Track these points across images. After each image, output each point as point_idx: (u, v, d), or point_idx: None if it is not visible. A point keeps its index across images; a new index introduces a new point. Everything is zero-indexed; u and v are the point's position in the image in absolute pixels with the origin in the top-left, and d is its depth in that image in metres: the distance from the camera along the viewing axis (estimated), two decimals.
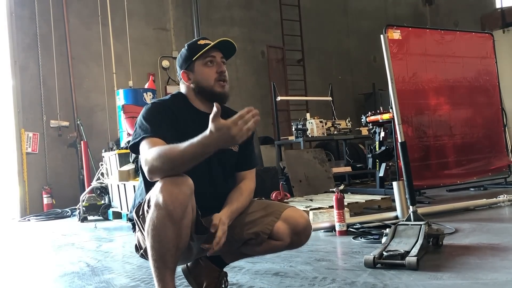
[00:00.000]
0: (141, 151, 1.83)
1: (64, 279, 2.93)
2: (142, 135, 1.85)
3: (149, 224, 1.72)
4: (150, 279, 2.61)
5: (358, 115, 8.20)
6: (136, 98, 6.38)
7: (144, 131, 1.85)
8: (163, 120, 1.89)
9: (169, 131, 1.87)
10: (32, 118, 7.35)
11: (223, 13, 9.47)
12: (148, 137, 1.83)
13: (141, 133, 1.86)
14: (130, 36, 8.19)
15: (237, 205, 1.96)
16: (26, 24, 7.42)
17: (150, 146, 1.79)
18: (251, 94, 9.45)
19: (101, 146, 7.05)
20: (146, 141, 1.83)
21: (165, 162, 1.69)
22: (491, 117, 6.33)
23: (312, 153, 6.43)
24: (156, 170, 1.72)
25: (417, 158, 5.44)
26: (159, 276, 1.76)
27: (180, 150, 1.67)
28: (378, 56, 10.48)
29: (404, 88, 5.46)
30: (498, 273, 2.30)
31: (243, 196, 2.01)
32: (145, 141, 1.83)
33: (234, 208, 1.94)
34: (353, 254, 2.98)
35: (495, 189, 5.82)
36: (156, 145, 1.77)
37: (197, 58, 1.99)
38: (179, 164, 1.69)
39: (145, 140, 1.83)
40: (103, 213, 5.97)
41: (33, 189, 7.19)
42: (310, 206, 4.49)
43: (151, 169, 1.72)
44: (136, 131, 1.90)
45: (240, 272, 2.68)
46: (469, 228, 3.55)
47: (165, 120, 1.90)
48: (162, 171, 1.71)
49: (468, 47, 6.18)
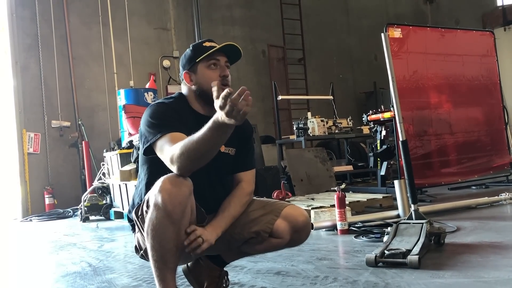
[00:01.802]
0: (161, 150, 1.76)
1: (66, 279, 2.93)
2: (157, 135, 1.78)
3: (148, 225, 1.72)
4: (152, 279, 2.60)
5: (359, 114, 8.19)
6: (137, 98, 6.39)
7: (158, 130, 1.79)
8: (171, 116, 1.86)
9: (180, 124, 1.83)
10: (33, 118, 7.35)
11: (224, 12, 9.47)
12: (164, 135, 1.77)
13: (155, 132, 1.80)
14: (131, 36, 8.19)
15: (228, 214, 1.93)
16: (27, 24, 7.42)
17: (171, 142, 1.72)
18: (252, 93, 9.23)
19: (102, 146, 7.06)
20: (164, 139, 1.76)
21: (190, 155, 1.64)
22: (492, 115, 6.31)
23: (314, 152, 6.43)
24: (187, 166, 1.67)
25: (419, 157, 5.43)
26: (160, 276, 1.76)
27: (198, 137, 1.62)
28: (379, 54, 10.45)
29: (405, 87, 5.45)
30: (500, 272, 2.29)
31: (236, 203, 1.97)
32: (162, 140, 1.76)
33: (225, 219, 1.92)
34: (354, 253, 2.98)
35: (497, 187, 5.80)
36: (177, 140, 1.71)
37: (200, 60, 1.95)
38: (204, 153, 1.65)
39: (162, 139, 1.77)
40: (104, 213, 5.97)
41: (35, 189, 7.20)
42: (312, 205, 4.49)
43: (181, 166, 1.67)
44: (147, 133, 1.83)
45: (241, 272, 2.68)
46: (471, 226, 3.54)
47: (173, 116, 1.87)
48: (193, 164, 1.67)
49: (469, 45, 6.17)
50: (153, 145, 1.81)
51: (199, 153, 1.65)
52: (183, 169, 1.68)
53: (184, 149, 1.65)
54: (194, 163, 1.68)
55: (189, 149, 1.64)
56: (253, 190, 2.08)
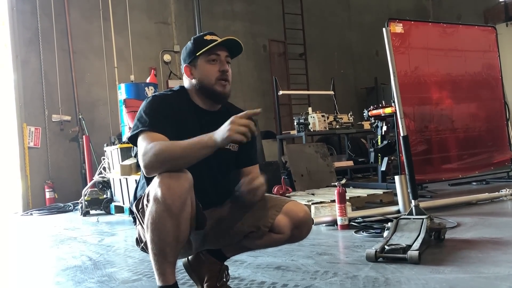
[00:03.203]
0: (139, 144, 1.80)
1: (66, 272, 2.94)
2: (140, 128, 1.82)
3: (148, 218, 1.72)
4: (152, 273, 2.59)
5: (360, 109, 8.17)
6: (138, 92, 6.37)
7: (143, 124, 1.83)
8: (162, 114, 1.86)
9: (168, 125, 1.84)
10: (34, 112, 7.35)
11: (225, 6, 9.44)
12: (146, 131, 1.80)
13: (140, 126, 1.83)
14: (132, 30, 8.17)
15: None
16: (27, 18, 7.40)
17: (148, 140, 1.76)
18: (252, 88, 9.44)
19: (103, 140, 7.05)
20: (145, 134, 1.80)
21: (165, 158, 1.68)
22: (493, 111, 6.30)
23: (314, 148, 6.42)
24: (154, 166, 1.71)
25: (419, 152, 5.43)
26: (160, 270, 1.76)
27: (181, 147, 1.68)
28: (380, 50, 10.43)
29: (406, 82, 5.44)
30: (500, 267, 2.29)
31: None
32: (143, 135, 1.80)
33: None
34: (355, 248, 2.98)
35: (498, 183, 5.81)
36: (155, 140, 1.75)
37: (201, 53, 1.94)
38: (179, 162, 1.69)
39: (143, 134, 1.80)
40: (105, 207, 5.98)
41: (36, 184, 7.21)
42: (312, 200, 4.49)
43: (148, 164, 1.71)
44: (135, 123, 1.87)
45: (242, 266, 2.68)
46: (471, 222, 3.55)
47: (165, 114, 1.87)
48: (160, 167, 1.70)
49: (470, 40, 6.15)
50: (136, 136, 1.83)
51: (175, 160, 1.69)
52: (150, 167, 1.71)
53: (163, 149, 1.69)
54: (164, 165, 1.69)
55: (170, 151, 1.68)
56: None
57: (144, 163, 1.72)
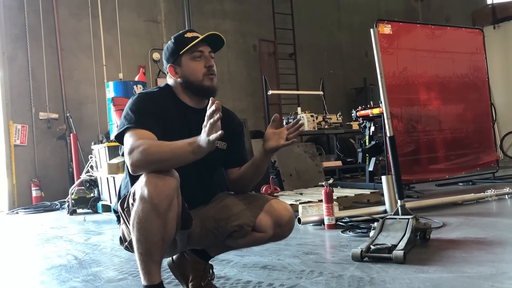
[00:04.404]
0: (125, 141, 1.79)
1: (51, 271, 2.91)
2: (126, 125, 1.81)
3: (134, 218, 1.71)
4: (137, 272, 2.58)
5: (349, 110, 8.18)
6: (126, 90, 6.34)
7: (129, 121, 1.81)
8: (149, 111, 1.85)
9: (155, 122, 1.83)
10: (20, 110, 7.27)
11: (215, 5, 9.41)
12: (133, 128, 1.79)
13: (126, 123, 1.82)
14: (121, 28, 8.11)
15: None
16: (14, 14, 7.32)
17: (135, 137, 1.75)
18: (242, 87, 9.42)
19: (90, 138, 6.99)
20: (131, 132, 1.79)
21: (153, 159, 1.67)
22: (480, 112, 6.37)
23: (303, 147, 6.44)
24: (141, 165, 1.69)
25: (407, 153, 5.47)
26: (145, 269, 1.75)
27: (170, 149, 1.67)
28: (370, 50, 10.42)
29: (395, 83, 5.47)
30: (483, 267, 2.32)
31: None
32: (130, 132, 1.79)
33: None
34: (341, 247, 2.99)
35: (483, 184, 5.87)
36: (142, 137, 1.74)
37: (184, 52, 1.94)
38: (167, 163, 1.69)
39: (130, 131, 1.79)
40: (92, 206, 5.93)
41: (22, 182, 7.13)
42: (300, 200, 4.51)
43: (135, 163, 1.70)
44: (122, 121, 1.86)
45: (228, 265, 2.68)
46: (457, 222, 3.58)
47: (151, 111, 1.86)
48: (147, 167, 1.69)
49: (458, 42, 6.20)
50: (122, 133, 1.82)
51: (163, 162, 1.68)
52: (136, 165, 1.70)
53: (151, 149, 1.67)
54: (151, 165, 1.68)
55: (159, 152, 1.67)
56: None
57: (130, 161, 1.71)
